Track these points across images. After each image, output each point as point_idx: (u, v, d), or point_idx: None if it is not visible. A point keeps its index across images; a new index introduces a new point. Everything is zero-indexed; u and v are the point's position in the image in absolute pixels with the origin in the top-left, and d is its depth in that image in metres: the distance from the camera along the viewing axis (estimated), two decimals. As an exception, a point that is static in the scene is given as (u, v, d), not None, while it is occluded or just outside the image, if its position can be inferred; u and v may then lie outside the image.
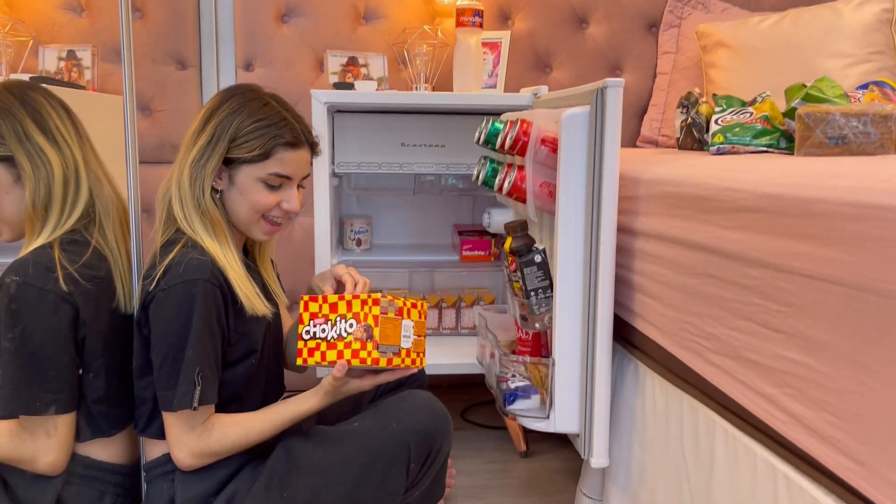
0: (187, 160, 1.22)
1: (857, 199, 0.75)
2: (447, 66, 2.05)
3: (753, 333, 0.94)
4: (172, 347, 1.13)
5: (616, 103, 1.22)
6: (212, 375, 1.16)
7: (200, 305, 1.14)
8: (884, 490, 0.72)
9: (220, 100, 1.24)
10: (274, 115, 1.22)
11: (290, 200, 1.25)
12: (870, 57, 1.79)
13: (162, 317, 1.15)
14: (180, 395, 1.13)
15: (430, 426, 1.25)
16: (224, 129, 1.20)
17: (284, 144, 1.21)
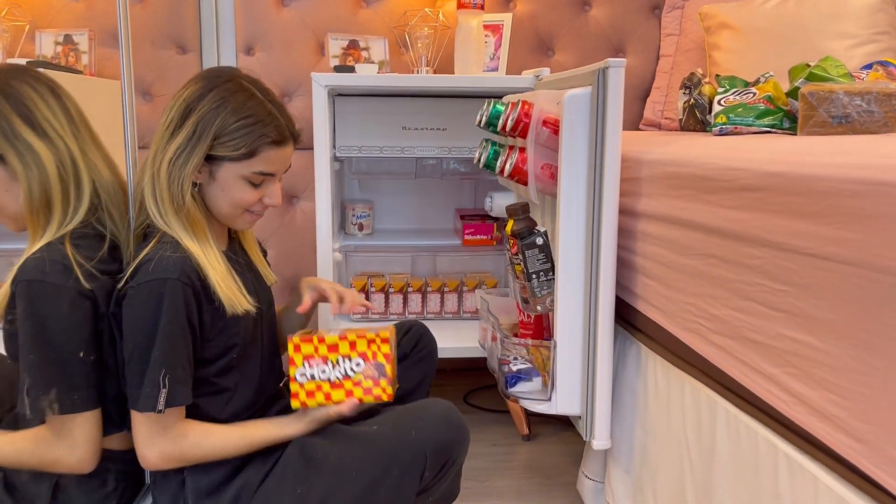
0: (165, 156, 1.15)
1: (859, 175, 0.75)
2: (448, 49, 2.04)
3: (755, 313, 0.93)
4: (138, 347, 1.11)
5: (618, 83, 1.22)
6: (183, 376, 1.13)
7: (168, 305, 1.10)
8: (885, 467, 0.72)
9: (200, 91, 1.15)
10: (259, 111, 1.15)
11: (272, 196, 1.21)
12: (874, 37, 1.78)
13: (130, 315, 1.11)
14: (144, 396, 1.10)
15: (449, 438, 1.23)
16: (206, 127, 1.13)
17: (270, 143, 1.16)
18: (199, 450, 1.17)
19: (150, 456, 1.14)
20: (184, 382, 1.14)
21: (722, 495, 1.04)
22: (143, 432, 1.13)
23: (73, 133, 1.18)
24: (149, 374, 1.10)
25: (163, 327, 1.10)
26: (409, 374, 1.53)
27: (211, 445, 1.17)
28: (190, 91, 1.16)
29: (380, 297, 2.10)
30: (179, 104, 1.16)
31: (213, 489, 1.20)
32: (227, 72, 1.19)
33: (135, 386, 1.11)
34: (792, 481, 0.88)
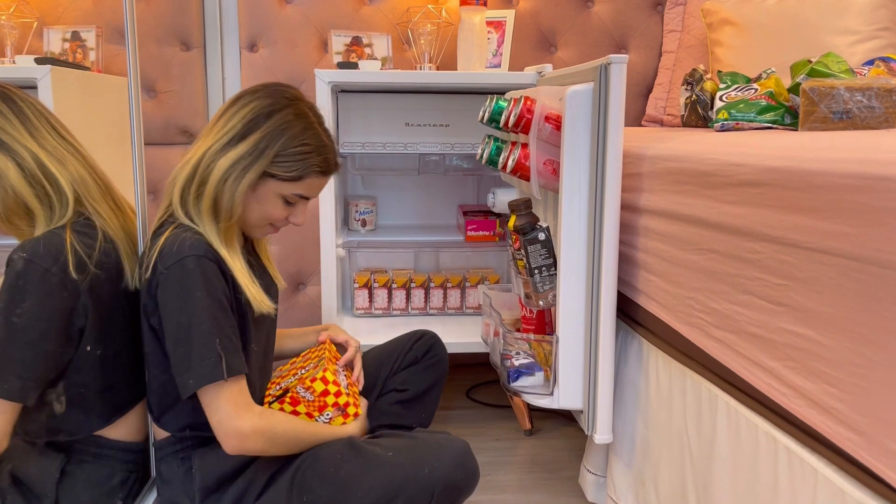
0: (220, 161, 1.18)
1: (859, 170, 0.75)
2: (451, 46, 2.04)
3: (755, 307, 0.94)
4: (182, 326, 1.12)
5: (620, 79, 1.22)
6: (232, 346, 1.14)
7: (201, 281, 1.13)
8: (884, 459, 0.73)
9: (269, 108, 1.21)
10: (315, 141, 1.23)
11: (298, 216, 1.28)
12: (876, 33, 1.78)
13: (167, 299, 1.13)
14: (209, 368, 1.10)
15: (460, 482, 1.24)
16: (269, 145, 1.19)
17: (318, 172, 1.24)
18: (289, 425, 1.21)
19: (243, 427, 1.12)
20: (236, 352, 1.15)
21: (722, 488, 1.05)
22: (229, 406, 1.12)
23: (31, 133, 1.17)
24: (201, 349, 1.11)
25: (201, 301, 1.12)
26: (420, 377, 1.59)
27: (291, 424, 1.22)
28: (258, 105, 1.21)
29: (383, 293, 2.11)
30: (245, 114, 1.21)
31: (220, 484, 1.21)
32: (292, 93, 1.26)
33: (189, 366, 1.11)
34: (791, 474, 0.89)
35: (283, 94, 1.24)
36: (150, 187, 2.15)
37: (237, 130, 1.20)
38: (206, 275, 1.14)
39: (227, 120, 1.21)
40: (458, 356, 2.40)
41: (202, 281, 1.13)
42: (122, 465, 1.25)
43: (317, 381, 1.31)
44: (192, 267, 1.13)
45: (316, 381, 1.31)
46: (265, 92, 1.24)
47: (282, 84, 1.28)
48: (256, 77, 2.14)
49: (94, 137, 1.73)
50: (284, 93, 1.25)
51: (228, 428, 1.12)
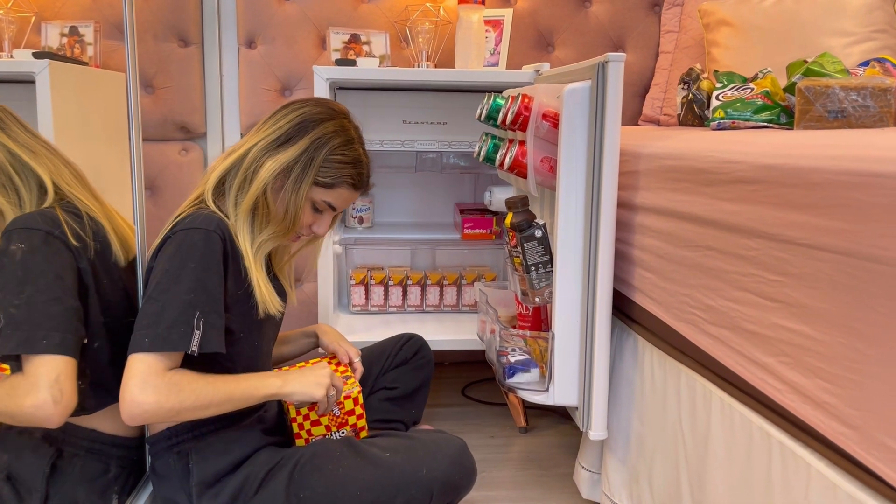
0: (268, 163, 1.23)
1: (853, 167, 0.76)
2: (449, 44, 2.05)
3: (751, 304, 0.95)
4: (163, 288, 1.11)
5: (617, 77, 1.23)
6: (218, 323, 1.14)
7: (204, 253, 1.14)
8: (876, 453, 0.73)
9: (320, 115, 1.27)
10: (354, 155, 1.28)
11: (321, 225, 1.31)
12: (872, 35, 1.79)
13: (162, 259, 1.15)
14: (177, 335, 1.09)
15: (458, 481, 1.25)
16: (318, 150, 1.23)
17: (350, 184, 1.28)
18: (194, 390, 1.11)
19: (144, 399, 1.06)
20: (219, 330, 1.15)
21: (716, 483, 1.06)
22: (141, 372, 1.07)
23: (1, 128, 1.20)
24: (181, 315, 1.10)
25: (197, 272, 1.13)
26: (409, 376, 1.63)
27: (203, 389, 1.12)
28: (309, 111, 1.27)
29: (379, 290, 2.11)
30: (295, 117, 1.26)
31: (217, 479, 1.21)
32: (340, 108, 1.32)
33: (155, 325, 1.09)
34: (784, 468, 0.90)
35: (332, 107, 1.30)
36: (147, 183, 2.15)
37: (284, 131, 1.25)
38: (208, 248, 1.15)
39: (276, 122, 1.27)
40: (453, 353, 2.41)
41: (201, 254, 1.14)
42: (115, 459, 1.24)
43: (349, 400, 1.36)
44: (196, 239, 1.14)
45: (349, 399, 1.36)
46: (316, 101, 1.30)
47: (332, 100, 1.35)
48: (254, 74, 2.15)
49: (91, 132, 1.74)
50: (333, 106, 1.31)
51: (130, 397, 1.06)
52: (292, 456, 1.24)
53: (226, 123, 2.19)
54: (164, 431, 1.23)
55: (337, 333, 1.55)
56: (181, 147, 2.17)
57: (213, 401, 1.13)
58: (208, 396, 1.12)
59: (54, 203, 1.17)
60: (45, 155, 1.22)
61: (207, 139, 2.19)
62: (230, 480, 1.21)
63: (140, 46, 2.10)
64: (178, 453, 1.22)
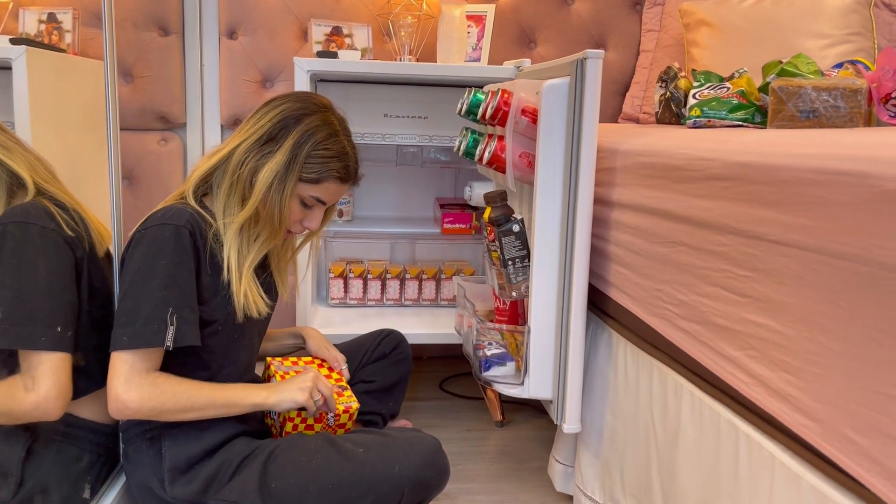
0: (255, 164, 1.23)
1: (820, 165, 0.78)
2: (431, 39, 2.05)
3: (721, 299, 0.97)
4: (136, 285, 1.14)
5: (595, 74, 1.24)
6: (192, 317, 1.17)
7: (176, 248, 1.15)
8: (837, 444, 0.75)
9: (299, 111, 1.26)
10: (339, 148, 1.27)
11: (312, 220, 1.31)
12: (848, 38, 1.82)
13: (133, 256, 1.16)
14: (150, 332, 1.12)
15: (430, 480, 1.26)
16: (300, 149, 1.23)
17: (336, 178, 1.27)
18: (176, 393, 1.15)
19: (128, 397, 1.12)
20: (192, 324, 1.17)
21: (685, 475, 1.08)
22: (124, 371, 1.12)
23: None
24: (154, 312, 1.12)
25: (169, 268, 1.14)
26: (388, 371, 1.65)
27: (190, 387, 1.17)
28: (290, 107, 1.26)
29: (358, 284, 2.11)
30: (274, 115, 1.26)
31: (190, 466, 1.22)
32: (322, 101, 1.31)
33: (132, 322, 1.12)
34: (751, 460, 0.91)
35: (314, 101, 1.29)
36: (125, 173, 2.13)
37: (266, 129, 1.24)
38: (178, 244, 1.16)
39: (258, 120, 1.26)
40: (431, 347, 2.42)
41: (172, 249, 1.15)
42: (91, 446, 1.24)
43: (345, 414, 1.37)
44: (166, 234, 1.16)
45: (346, 413, 1.37)
46: (296, 97, 1.29)
47: (314, 94, 1.34)
48: (235, 64, 2.14)
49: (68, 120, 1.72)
50: (316, 99, 1.30)
51: (116, 395, 1.12)
52: (267, 446, 1.25)
53: (206, 114, 2.18)
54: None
55: (323, 339, 1.57)
56: (160, 137, 2.16)
57: (195, 405, 1.17)
58: (190, 400, 1.17)
59: (36, 198, 1.17)
60: (19, 151, 1.21)
61: (187, 129, 2.18)
62: (204, 467, 1.21)
63: (119, 35, 2.09)
64: (150, 439, 1.22)
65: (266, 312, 1.31)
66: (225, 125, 2.18)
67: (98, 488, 1.26)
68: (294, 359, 1.52)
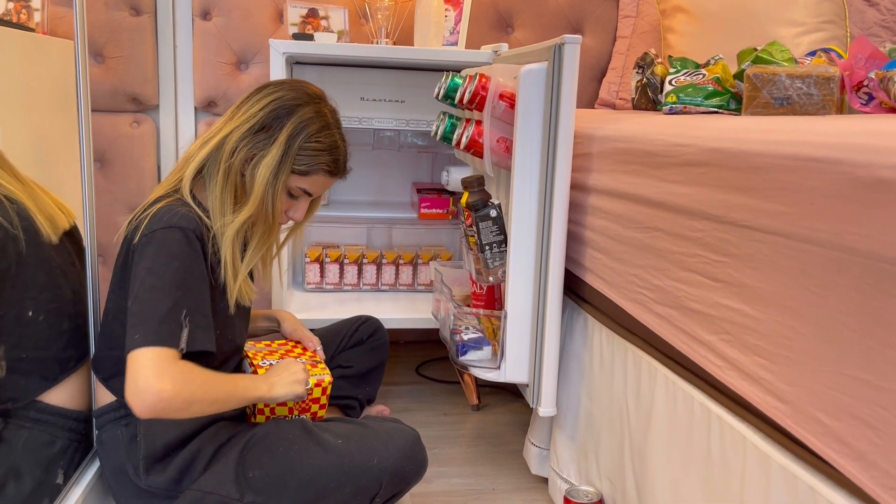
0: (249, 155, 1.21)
1: (792, 151, 0.79)
2: (409, 22, 2.04)
3: (695, 284, 0.98)
4: (151, 288, 1.10)
5: (573, 59, 1.24)
6: (205, 322, 1.15)
7: (186, 251, 1.13)
8: (807, 426, 0.77)
9: (293, 101, 1.24)
10: (330, 141, 1.26)
11: (297, 211, 1.30)
12: (821, 26, 1.84)
13: (143, 261, 1.13)
14: (167, 332, 1.08)
15: (408, 472, 1.26)
16: (293, 141, 1.21)
17: (325, 171, 1.26)
18: (205, 381, 1.12)
19: (164, 387, 1.05)
20: (206, 328, 1.15)
21: (657, 458, 1.09)
22: (153, 365, 1.06)
23: None
24: (169, 314, 1.09)
25: (181, 271, 1.12)
26: (365, 357, 1.66)
27: (211, 382, 1.14)
28: (283, 95, 1.24)
29: (334, 268, 2.11)
30: (267, 103, 1.23)
31: (166, 454, 1.21)
32: (315, 91, 1.30)
33: (149, 321, 1.08)
34: (723, 442, 0.93)
35: (307, 91, 1.27)
36: (96, 155, 2.10)
37: (259, 118, 1.22)
38: (191, 248, 1.14)
39: (250, 107, 1.24)
40: (408, 332, 2.42)
41: (183, 252, 1.13)
42: (63, 432, 1.23)
43: (318, 388, 1.36)
44: (177, 237, 1.13)
45: (319, 387, 1.36)
46: (290, 86, 1.27)
47: (307, 82, 1.31)
48: (209, 46, 2.10)
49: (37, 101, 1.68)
50: (308, 89, 1.28)
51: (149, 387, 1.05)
52: (244, 434, 1.24)
53: (179, 96, 2.15)
54: (113, 402, 1.22)
55: (297, 321, 1.56)
56: (133, 119, 2.12)
57: (219, 397, 1.15)
58: (214, 390, 1.14)
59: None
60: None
61: (160, 111, 2.15)
62: (179, 455, 1.20)
63: (90, 14, 2.04)
64: (125, 425, 1.21)
65: (255, 299, 1.31)
66: (199, 107, 2.15)
67: (72, 473, 1.25)
68: (267, 342, 1.51)
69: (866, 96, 1.12)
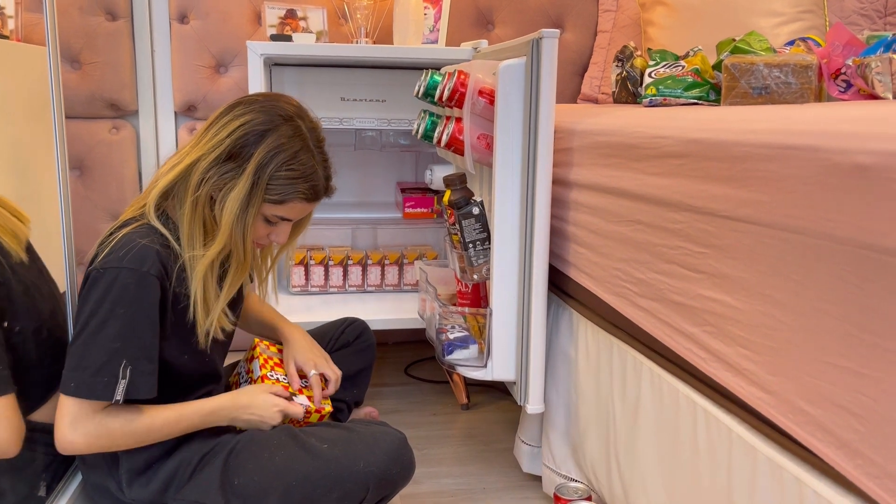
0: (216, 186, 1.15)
1: (770, 140, 0.78)
2: (388, 21, 2.02)
3: (677, 276, 0.97)
4: (91, 331, 1.08)
5: (551, 54, 1.23)
6: (149, 368, 1.12)
7: (137, 297, 1.09)
8: (791, 416, 0.76)
9: (261, 127, 1.15)
10: (305, 168, 1.17)
11: (279, 235, 1.24)
12: (800, 16, 1.84)
13: (89, 297, 1.09)
14: (101, 385, 1.07)
15: (395, 475, 1.24)
16: (262, 171, 1.14)
17: (302, 199, 1.19)
18: (130, 428, 1.12)
19: (74, 439, 1.09)
20: (149, 374, 1.12)
21: (645, 451, 1.09)
22: (71, 413, 1.08)
23: None
24: (106, 364, 1.07)
25: (127, 317, 1.08)
26: (352, 360, 1.62)
27: (143, 425, 1.13)
28: (252, 120, 1.15)
29: (319, 270, 2.09)
30: (235, 128, 1.15)
31: (148, 467, 1.19)
32: (290, 110, 1.19)
33: (81, 369, 1.07)
34: (709, 434, 0.92)
35: (279, 112, 1.17)
36: (75, 163, 2.07)
37: (225, 146, 1.14)
38: (140, 292, 1.10)
39: (218, 131, 1.16)
40: (396, 333, 2.41)
41: (131, 298, 1.09)
42: (45, 447, 1.21)
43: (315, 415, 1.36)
44: (127, 281, 1.09)
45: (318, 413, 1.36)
46: (261, 106, 1.18)
47: (282, 98, 1.22)
48: (187, 49, 2.08)
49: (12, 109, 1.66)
50: (281, 109, 1.18)
51: (62, 436, 1.09)
52: (228, 442, 1.22)
53: (158, 101, 2.13)
54: None
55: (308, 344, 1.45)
56: (111, 125, 2.10)
57: (152, 437, 1.16)
58: (144, 436, 1.14)
59: None
60: None
61: (140, 117, 2.13)
62: (162, 467, 1.19)
63: (64, 20, 2.02)
64: None
65: (230, 330, 1.27)
66: (179, 112, 2.13)
67: (55, 486, 1.23)
68: (278, 346, 1.48)
69: (844, 84, 1.12)
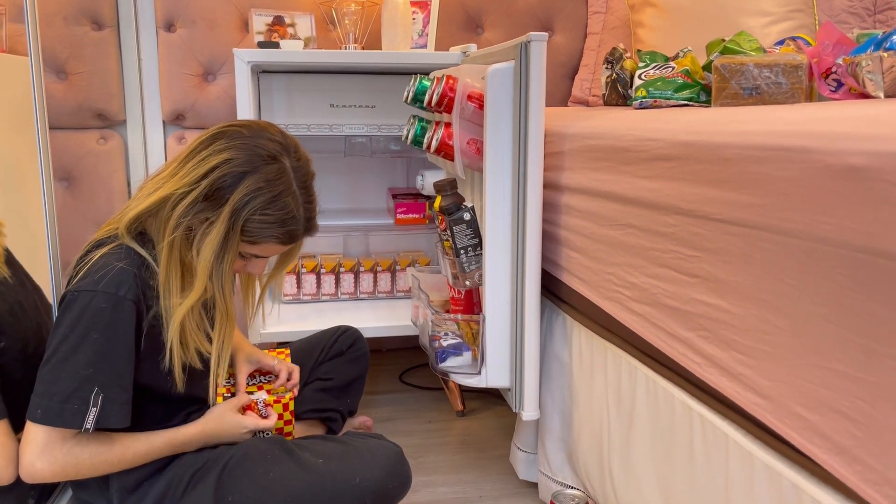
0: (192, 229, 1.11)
1: (762, 142, 0.77)
2: (376, 26, 2.01)
3: (670, 280, 0.96)
4: (63, 357, 1.05)
5: (540, 57, 1.22)
6: (123, 397, 1.09)
7: (106, 321, 1.06)
8: (787, 421, 0.75)
9: (240, 168, 1.10)
10: (284, 213, 1.13)
11: (256, 267, 1.21)
12: (789, 15, 1.83)
13: (63, 320, 1.06)
14: (69, 411, 1.04)
15: (392, 489, 1.23)
16: (237, 216, 1.09)
17: (277, 242, 1.15)
18: (99, 459, 1.10)
19: (41, 467, 1.06)
20: (122, 403, 1.09)
21: (641, 458, 1.07)
22: (38, 440, 1.05)
23: None
24: (76, 391, 1.04)
25: (100, 343, 1.06)
26: (345, 368, 1.62)
27: (113, 456, 1.11)
28: (231, 158, 1.10)
29: (311, 278, 2.07)
30: (213, 165, 1.10)
31: (138, 485, 1.17)
32: (272, 147, 1.13)
33: (50, 396, 1.05)
34: (705, 440, 0.91)
35: (259, 152, 1.12)
36: (63, 174, 2.05)
37: (202, 187, 1.09)
38: (115, 317, 1.07)
39: (196, 165, 1.11)
40: (390, 340, 2.39)
41: (106, 324, 1.06)
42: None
43: (278, 405, 1.36)
44: (102, 305, 1.06)
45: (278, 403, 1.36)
46: (242, 143, 1.12)
47: (267, 132, 1.16)
48: (174, 58, 2.07)
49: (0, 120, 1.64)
50: (263, 148, 1.13)
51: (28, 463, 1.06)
52: (220, 457, 1.20)
53: (146, 110, 2.11)
54: None
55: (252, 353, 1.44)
56: (99, 136, 2.08)
57: (120, 468, 1.14)
58: (112, 466, 1.12)
59: None
60: None
61: (128, 127, 2.11)
62: (153, 485, 1.17)
63: (49, 30, 2.00)
64: None
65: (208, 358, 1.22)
66: (167, 121, 2.12)
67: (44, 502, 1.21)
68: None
69: (835, 83, 1.11)
